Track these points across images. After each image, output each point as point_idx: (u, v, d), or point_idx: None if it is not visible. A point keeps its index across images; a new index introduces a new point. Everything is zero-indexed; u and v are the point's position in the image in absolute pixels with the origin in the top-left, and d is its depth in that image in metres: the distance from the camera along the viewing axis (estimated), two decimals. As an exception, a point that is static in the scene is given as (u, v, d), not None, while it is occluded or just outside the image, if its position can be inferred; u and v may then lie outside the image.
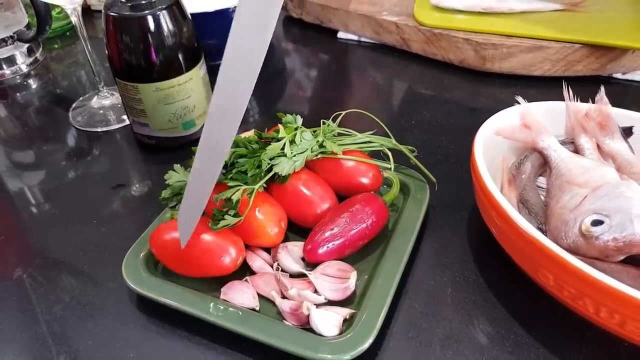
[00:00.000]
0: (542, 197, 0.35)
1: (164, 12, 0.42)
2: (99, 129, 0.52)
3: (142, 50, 0.42)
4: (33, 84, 0.62)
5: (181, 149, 0.47)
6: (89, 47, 0.51)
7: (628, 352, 0.29)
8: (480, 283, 0.34)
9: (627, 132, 0.37)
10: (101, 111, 0.54)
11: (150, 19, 0.42)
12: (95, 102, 0.54)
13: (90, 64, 0.52)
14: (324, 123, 0.39)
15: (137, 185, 0.46)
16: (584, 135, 0.37)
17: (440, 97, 0.54)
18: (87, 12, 0.76)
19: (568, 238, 0.29)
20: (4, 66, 0.62)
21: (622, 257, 0.27)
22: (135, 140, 0.50)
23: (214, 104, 0.28)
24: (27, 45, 0.62)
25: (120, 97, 0.54)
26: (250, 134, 0.38)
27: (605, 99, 0.38)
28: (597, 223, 0.27)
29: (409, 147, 0.39)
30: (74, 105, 0.55)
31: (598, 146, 0.37)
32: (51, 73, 0.64)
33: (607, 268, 0.26)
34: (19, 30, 0.60)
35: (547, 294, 0.31)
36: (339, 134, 0.39)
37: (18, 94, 0.60)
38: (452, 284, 0.34)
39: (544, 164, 0.37)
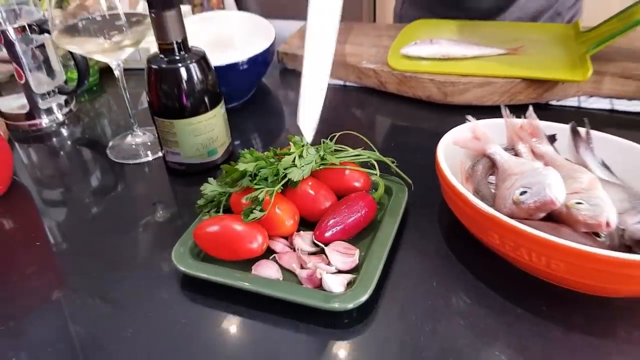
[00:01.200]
0: (492, 190, 0.47)
1: (194, 64, 0.54)
2: (135, 161, 0.62)
3: (177, 94, 0.54)
4: (69, 130, 0.72)
5: (206, 172, 0.58)
6: (128, 95, 0.62)
7: (560, 294, 0.40)
8: (449, 255, 0.45)
9: (551, 139, 0.49)
10: (134, 147, 0.64)
11: (183, 70, 0.54)
12: (129, 140, 0.65)
13: (128, 108, 0.63)
14: (323, 142, 0.50)
15: (171, 202, 0.56)
16: (520, 142, 0.49)
17: (412, 126, 0.66)
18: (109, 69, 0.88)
19: (506, 207, 0.40)
20: (43, 115, 0.72)
21: (542, 215, 0.39)
22: (167, 168, 0.60)
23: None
24: (65, 97, 0.73)
25: (150, 135, 0.65)
26: (268, 153, 0.49)
27: (534, 115, 0.50)
28: (523, 193, 0.39)
29: (390, 158, 0.51)
30: (110, 143, 0.66)
31: (532, 150, 0.48)
32: (83, 121, 0.75)
33: (532, 224, 0.37)
34: (59, 84, 0.72)
35: (499, 259, 0.42)
36: (336, 150, 0.51)
37: (55, 139, 0.71)
38: (428, 258, 0.45)
39: (492, 166, 0.48)
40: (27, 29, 0.65)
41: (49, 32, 0.66)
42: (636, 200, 0.40)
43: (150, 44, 0.71)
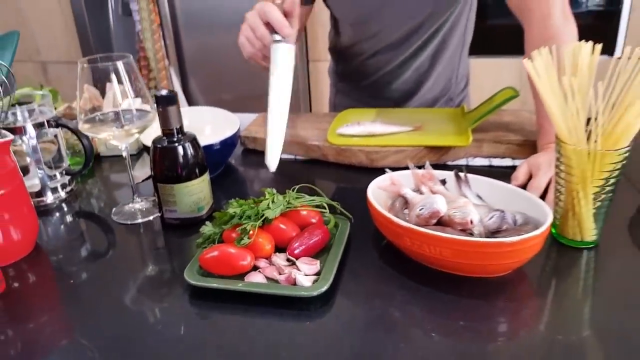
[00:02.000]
0: (407, 218, 0.68)
1: (188, 143, 0.74)
2: (136, 221, 0.80)
3: (176, 165, 0.73)
4: (72, 204, 0.89)
5: (195, 225, 0.76)
6: (131, 172, 0.81)
7: (452, 278, 0.61)
8: (380, 261, 0.65)
9: (443, 182, 0.72)
10: (133, 211, 0.82)
11: (180, 148, 0.73)
12: (129, 207, 0.82)
13: (131, 180, 0.81)
14: (288, 192, 0.71)
15: (170, 248, 0.74)
16: (422, 185, 0.71)
17: (348, 186, 0.88)
18: (97, 157, 1.06)
19: (412, 221, 0.61)
20: (48, 193, 0.88)
21: (434, 222, 0.60)
22: (162, 225, 0.78)
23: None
24: (68, 177, 0.90)
25: (146, 203, 0.83)
26: (249, 200, 0.69)
27: (430, 167, 0.73)
28: (421, 209, 0.60)
29: (336, 202, 0.72)
30: (114, 209, 0.83)
31: (430, 190, 0.71)
32: (82, 196, 0.91)
33: (428, 228, 0.58)
34: (66, 167, 0.89)
35: (412, 260, 0.63)
36: (297, 197, 0.71)
37: (58, 213, 0.86)
38: (366, 264, 0.65)
39: (405, 202, 0.70)
40: (46, 124, 0.83)
41: (62, 126, 0.84)
42: (494, 211, 0.62)
43: (117, 141, 0.89)
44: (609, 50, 2.15)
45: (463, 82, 1.23)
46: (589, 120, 0.63)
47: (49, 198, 0.88)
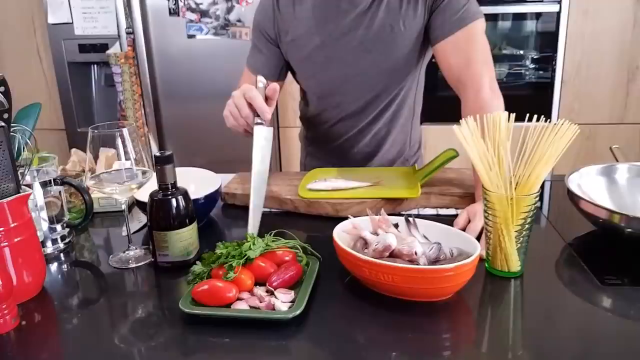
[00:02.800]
0: (366, 255, 0.82)
1: (180, 196, 0.87)
2: (131, 266, 0.91)
3: (170, 215, 0.86)
4: (70, 254, 0.99)
5: (184, 267, 0.87)
6: (128, 223, 0.92)
7: (403, 303, 0.74)
8: (344, 291, 0.78)
9: (395, 225, 0.86)
10: (128, 257, 0.93)
11: (174, 200, 0.86)
12: (124, 255, 0.94)
13: (128, 230, 0.93)
14: (266, 235, 0.84)
15: (164, 287, 0.85)
16: (378, 228, 0.86)
17: (317, 232, 1.01)
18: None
19: (369, 254, 0.75)
20: (49, 244, 0.99)
21: (387, 254, 0.74)
22: (155, 267, 0.89)
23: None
24: (67, 230, 1.01)
25: (139, 250, 0.94)
26: (233, 243, 0.82)
27: (385, 213, 0.88)
28: (377, 244, 0.74)
29: (307, 244, 0.85)
30: (111, 256, 0.94)
31: (385, 232, 0.85)
32: (78, 246, 1.02)
33: (383, 260, 0.72)
34: (67, 221, 1.00)
35: (369, 289, 0.76)
36: (274, 240, 0.84)
37: (58, 262, 0.96)
38: (333, 293, 0.78)
39: (365, 243, 0.84)
40: (52, 182, 0.95)
41: (67, 183, 0.96)
42: (433, 244, 0.77)
43: (119, 195, 1.01)
44: (544, 117, 2.41)
45: (416, 146, 1.41)
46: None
47: (49, 248, 0.98)
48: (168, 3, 2.25)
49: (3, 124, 0.70)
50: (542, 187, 1.22)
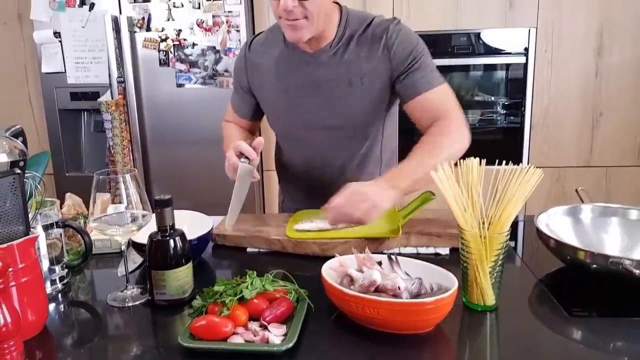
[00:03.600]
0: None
1: (178, 237, 0.93)
2: (128, 305, 0.95)
3: (168, 255, 0.91)
4: (67, 294, 1.03)
5: (180, 305, 0.92)
6: (126, 263, 0.97)
7: (388, 336, 0.80)
8: (332, 324, 0.84)
9: (379, 263, 0.93)
10: (126, 296, 0.97)
11: (172, 241, 0.92)
12: (121, 294, 0.98)
13: (126, 271, 0.97)
14: (266, 276, 0.89)
15: (161, 324, 0.89)
16: (363, 266, 0.92)
17: (306, 272, 1.07)
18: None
19: (356, 289, 0.81)
20: (48, 284, 1.02)
21: (372, 289, 0.80)
22: (151, 306, 0.94)
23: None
24: (66, 271, 1.05)
25: (136, 289, 0.99)
26: (232, 280, 0.87)
27: (369, 252, 0.94)
28: (362, 280, 0.81)
29: (298, 286, 0.91)
30: (108, 296, 0.98)
31: (369, 269, 0.92)
32: (75, 287, 1.06)
33: (368, 295, 0.78)
34: (65, 262, 1.04)
35: (356, 323, 0.82)
36: (273, 281, 0.90)
37: (56, 302, 1.00)
38: (322, 328, 0.83)
39: (351, 279, 0.90)
40: (54, 225, 1.00)
41: (68, 226, 1.01)
42: (414, 279, 0.83)
43: (120, 237, 1.06)
44: (516, 160, 2.54)
45: None
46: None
47: (48, 289, 1.02)
48: (159, 54, 2.35)
49: (19, 170, 0.76)
50: (516, 226, 1.31)
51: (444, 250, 1.13)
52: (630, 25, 2.40)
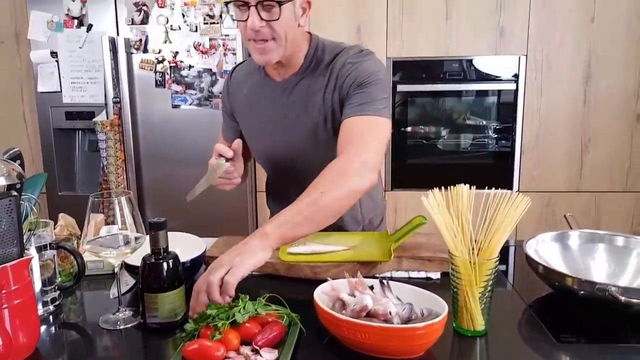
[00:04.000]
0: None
1: (171, 260, 0.94)
2: (119, 328, 0.95)
3: (161, 278, 0.92)
4: (59, 315, 1.03)
5: (172, 328, 0.93)
6: (119, 285, 0.98)
7: None
8: (324, 352, 0.84)
9: (371, 287, 0.94)
10: (118, 319, 0.97)
11: (165, 264, 0.93)
12: (113, 316, 0.98)
13: (119, 293, 0.98)
14: (259, 300, 0.90)
15: (153, 347, 0.90)
16: (355, 290, 0.93)
17: (296, 293, 1.08)
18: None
19: (347, 314, 0.82)
20: (39, 306, 1.02)
21: (364, 314, 0.81)
22: (143, 328, 0.94)
23: None
24: (58, 292, 1.05)
25: (129, 312, 0.99)
26: (225, 304, 0.88)
27: (361, 276, 0.95)
28: (354, 305, 0.82)
29: (290, 310, 0.92)
30: (100, 318, 0.98)
31: (361, 293, 0.92)
32: (66, 308, 1.06)
33: (360, 320, 0.79)
34: (58, 283, 1.04)
35: (347, 348, 0.82)
36: (265, 305, 0.90)
37: (47, 324, 1.00)
38: (314, 353, 0.84)
39: (343, 304, 0.91)
40: (48, 247, 1.00)
41: (62, 247, 1.01)
42: (405, 304, 0.85)
43: (113, 259, 1.06)
44: (507, 184, 2.58)
45: (372, 214, 1.49)
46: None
47: (40, 310, 1.01)
48: (155, 75, 2.38)
49: (15, 193, 0.77)
50: (506, 251, 1.33)
51: (435, 275, 1.14)
52: (617, 55, 2.46)
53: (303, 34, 1.27)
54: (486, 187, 0.93)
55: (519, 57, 2.49)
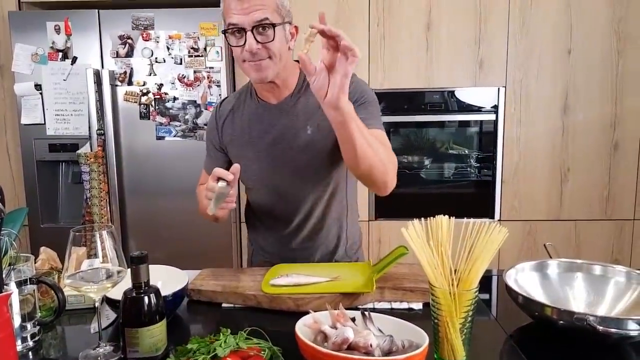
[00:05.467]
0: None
1: (152, 294, 0.93)
2: (101, 363, 0.94)
3: (142, 312, 0.91)
4: (39, 351, 1.01)
5: (154, 363, 0.92)
6: (100, 320, 0.97)
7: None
8: (307, 383, 0.84)
9: (352, 319, 0.94)
10: (96, 355, 0.96)
11: (146, 298, 0.92)
12: (93, 352, 0.97)
13: (99, 327, 0.97)
14: (239, 333, 0.90)
15: (134, 383, 0.88)
16: (337, 322, 0.93)
17: (279, 325, 1.07)
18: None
19: (329, 346, 0.83)
20: (19, 342, 1.01)
21: (345, 347, 0.82)
22: (125, 364, 0.93)
23: None
24: (38, 327, 1.04)
25: (109, 347, 0.98)
26: (206, 338, 0.87)
27: (343, 308, 0.96)
28: (336, 337, 0.82)
29: (272, 343, 0.91)
30: (80, 354, 0.97)
31: (343, 325, 0.93)
32: (45, 344, 1.04)
33: (341, 353, 0.79)
34: (38, 319, 1.03)
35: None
36: (247, 339, 0.90)
37: (30, 358, 0.99)
38: (296, 385, 0.84)
39: (325, 337, 0.91)
40: (28, 281, 1.00)
41: (42, 282, 1.01)
42: (386, 336, 0.85)
43: (94, 294, 1.05)
44: (489, 213, 2.61)
45: (357, 243, 1.54)
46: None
47: (19, 346, 1.00)
48: (139, 107, 2.39)
49: (-5, 228, 0.77)
50: (489, 281, 1.34)
51: (417, 305, 1.15)
52: (594, 86, 2.54)
53: (292, 61, 1.34)
54: (466, 217, 0.95)
55: (498, 89, 2.56)
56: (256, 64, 1.25)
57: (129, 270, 0.94)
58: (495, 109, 2.57)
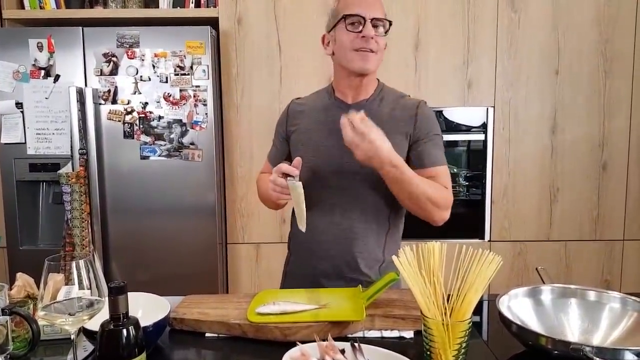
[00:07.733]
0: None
1: (132, 326, 0.89)
2: (75, 400, 0.89)
3: (121, 345, 0.87)
4: (9, 387, 0.96)
5: (133, 400, 0.87)
6: (75, 352, 0.92)
7: None
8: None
9: (342, 351, 0.90)
10: (73, 391, 0.91)
11: (125, 331, 0.88)
12: (68, 386, 0.92)
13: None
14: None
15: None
16: (326, 355, 0.89)
17: (265, 357, 1.03)
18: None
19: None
20: (-8, 376, 0.95)
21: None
22: (101, 401, 0.88)
23: None
24: (11, 361, 0.98)
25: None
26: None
27: (332, 340, 0.92)
28: (324, 374, 0.78)
29: (255, 372, 0.87)
30: (54, 390, 0.91)
31: (332, 357, 0.89)
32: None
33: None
34: (10, 351, 0.97)
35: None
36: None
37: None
38: None
39: (313, 369, 0.87)
40: (1, 312, 0.94)
41: (16, 313, 0.95)
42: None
43: (69, 327, 1.00)
44: (479, 233, 2.59)
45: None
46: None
47: (-6, 380, 0.95)
48: (123, 126, 2.35)
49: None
50: (480, 306, 1.31)
51: (409, 334, 1.11)
52: (582, 106, 2.55)
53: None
54: (457, 238, 0.92)
55: (487, 108, 2.56)
56: (365, 53, 1.35)
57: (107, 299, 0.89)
58: (484, 128, 2.57)
